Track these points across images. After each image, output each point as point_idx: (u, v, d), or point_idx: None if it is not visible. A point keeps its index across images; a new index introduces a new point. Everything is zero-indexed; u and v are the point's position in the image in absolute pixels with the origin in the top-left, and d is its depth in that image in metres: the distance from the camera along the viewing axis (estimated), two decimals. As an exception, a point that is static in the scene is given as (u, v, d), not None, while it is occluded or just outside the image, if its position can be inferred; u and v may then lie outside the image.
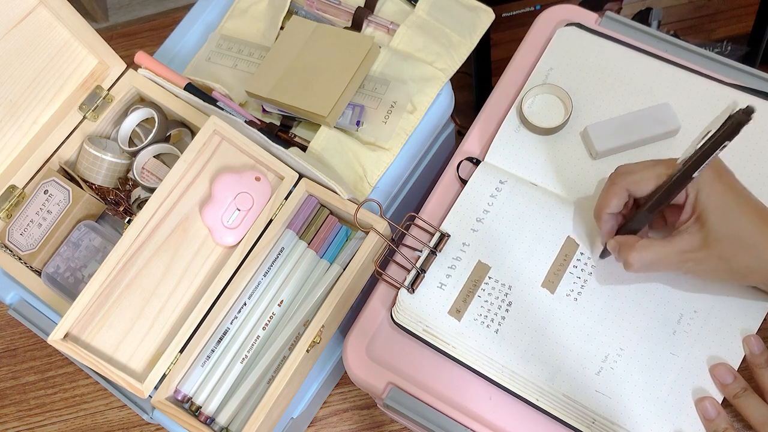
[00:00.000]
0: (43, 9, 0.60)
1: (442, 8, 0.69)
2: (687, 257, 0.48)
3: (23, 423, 0.95)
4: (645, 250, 0.48)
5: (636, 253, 0.49)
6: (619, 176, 0.50)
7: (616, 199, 0.50)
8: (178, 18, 0.81)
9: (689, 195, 0.48)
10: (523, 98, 0.62)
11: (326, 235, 0.62)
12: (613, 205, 0.50)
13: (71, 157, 0.66)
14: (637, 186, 0.49)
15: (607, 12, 0.65)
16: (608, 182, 0.51)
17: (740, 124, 0.40)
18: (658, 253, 0.48)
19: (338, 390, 0.90)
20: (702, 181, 0.47)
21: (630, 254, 0.49)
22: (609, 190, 0.50)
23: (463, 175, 0.62)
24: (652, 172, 0.48)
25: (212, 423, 0.58)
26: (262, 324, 0.59)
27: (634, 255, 0.49)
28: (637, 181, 0.49)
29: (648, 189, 0.49)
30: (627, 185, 0.49)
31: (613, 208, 0.50)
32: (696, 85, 0.60)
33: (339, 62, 0.64)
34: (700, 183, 0.47)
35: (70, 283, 0.61)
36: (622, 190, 0.50)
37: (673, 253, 0.48)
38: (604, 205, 0.51)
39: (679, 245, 0.48)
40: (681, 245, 0.48)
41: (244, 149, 0.62)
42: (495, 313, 0.55)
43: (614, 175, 0.51)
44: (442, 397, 0.55)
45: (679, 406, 0.51)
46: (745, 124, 0.40)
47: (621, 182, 0.49)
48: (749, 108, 0.39)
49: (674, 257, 0.48)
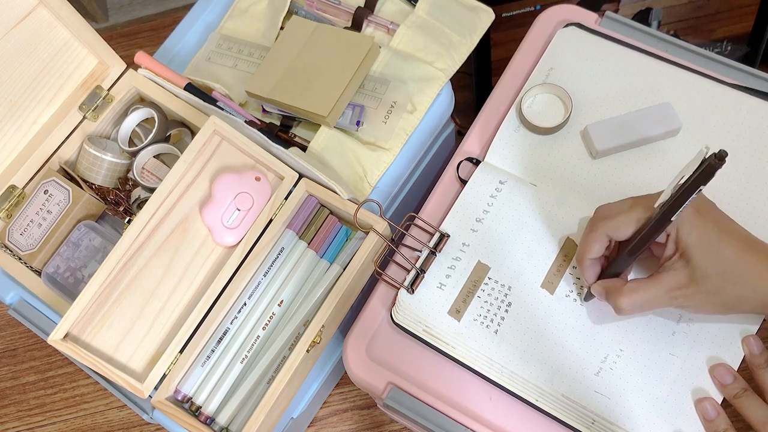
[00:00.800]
0: (43, 9, 0.60)
1: (442, 8, 0.69)
2: (676, 294, 0.48)
3: (23, 423, 0.95)
4: (634, 293, 0.49)
5: (625, 298, 0.49)
6: (598, 222, 0.50)
7: (597, 245, 0.50)
8: (178, 18, 0.81)
9: (670, 233, 0.48)
10: (522, 98, 0.62)
11: (326, 235, 0.62)
12: (595, 251, 0.50)
13: (71, 157, 0.66)
14: (617, 231, 0.49)
15: (607, 12, 0.65)
16: (588, 228, 0.51)
17: (713, 169, 0.40)
18: (647, 294, 0.48)
19: (338, 390, 0.90)
20: (681, 218, 0.47)
21: (619, 299, 0.49)
22: (589, 237, 0.50)
23: (463, 175, 0.62)
24: (631, 217, 0.48)
25: (212, 423, 0.58)
26: (262, 324, 0.59)
27: (623, 300, 0.49)
28: (616, 226, 0.49)
29: (628, 233, 0.49)
30: (607, 231, 0.49)
31: (595, 254, 0.50)
32: (696, 85, 0.60)
33: (339, 62, 0.64)
34: (680, 220, 0.47)
35: (70, 283, 0.61)
36: (603, 236, 0.50)
37: (661, 292, 0.48)
38: (585, 251, 0.51)
39: (667, 283, 0.48)
40: (669, 283, 0.48)
41: (244, 149, 0.62)
42: (494, 313, 0.55)
43: (593, 220, 0.51)
44: (442, 397, 0.55)
45: (679, 407, 0.51)
46: (718, 169, 0.40)
47: (601, 228, 0.49)
48: (721, 152, 0.40)
49: (663, 296, 0.48)
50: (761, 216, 0.55)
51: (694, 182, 0.42)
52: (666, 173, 0.58)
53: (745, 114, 0.59)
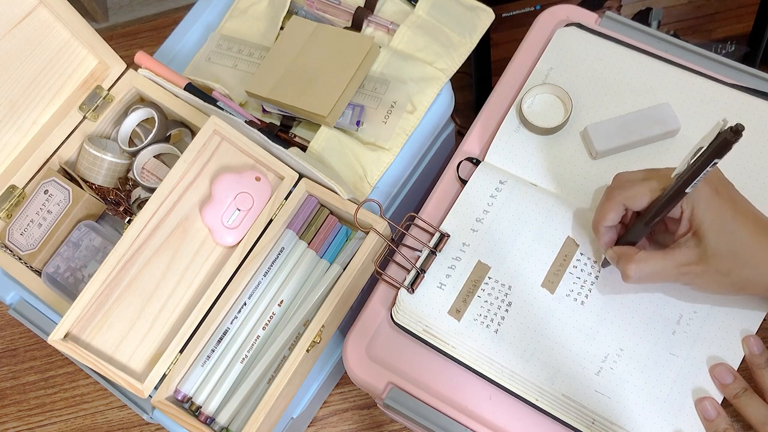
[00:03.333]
0: (43, 9, 0.60)
1: (442, 8, 0.69)
2: (685, 270, 0.48)
3: (23, 423, 0.95)
4: (643, 262, 0.49)
5: (634, 265, 0.49)
6: (614, 191, 0.50)
7: (612, 213, 0.50)
8: (178, 18, 0.81)
9: (685, 210, 0.48)
10: (522, 98, 0.62)
11: (326, 235, 0.62)
12: (610, 219, 0.51)
13: (71, 157, 0.66)
14: (633, 201, 0.49)
15: (607, 12, 0.65)
16: (604, 196, 0.51)
17: (729, 143, 0.40)
18: (656, 266, 0.49)
19: (338, 390, 0.90)
20: (698, 195, 0.47)
21: (628, 266, 0.49)
22: (605, 205, 0.51)
23: (463, 175, 0.62)
24: (646, 187, 0.49)
25: (212, 423, 0.58)
26: (262, 324, 0.59)
27: (632, 267, 0.49)
28: (632, 196, 0.49)
29: (643, 203, 0.49)
30: (623, 200, 0.50)
31: (610, 222, 0.51)
32: (696, 85, 0.60)
33: (339, 62, 0.64)
34: (696, 198, 0.47)
35: (70, 283, 0.61)
36: (619, 205, 0.50)
37: (671, 266, 0.49)
38: (600, 218, 0.51)
39: (678, 258, 0.48)
40: (679, 258, 0.48)
41: (244, 149, 0.62)
42: (495, 313, 0.55)
43: (610, 189, 0.51)
44: (442, 397, 0.55)
45: (679, 407, 0.51)
46: (734, 143, 0.40)
47: (617, 197, 0.50)
48: (738, 126, 0.39)
49: (672, 270, 0.49)
50: (761, 216, 0.55)
51: (709, 156, 0.41)
52: (666, 173, 0.58)
53: (745, 114, 0.59)
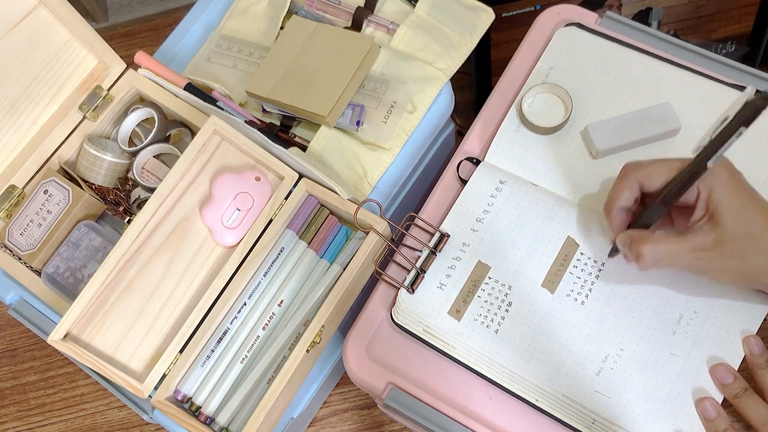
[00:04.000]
0: (43, 9, 0.60)
1: (442, 8, 0.69)
2: (700, 255, 0.47)
3: (23, 423, 0.95)
4: (659, 243, 0.48)
5: (650, 245, 0.48)
6: (630, 169, 0.49)
7: (627, 191, 0.49)
8: (178, 18, 0.81)
9: (702, 193, 0.47)
10: (523, 98, 0.62)
11: (326, 235, 0.62)
12: (624, 198, 0.49)
13: (71, 157, 0.66)
14: (650, 179, 0.48)
15: (607, 12, 0.65)
16: (619, 175, 0.50)
17: (758, 110, 0.39)
18: (671, 248, 0.48)
19: (338, 390, 0.90)
20: (715, 179, 0.46)
21: (643, 246, 0.48)
22: (620, 183, 0.49)
23: (463, 175, 0.62)
24: (665, 165, 0.48)
25: (212, 423, 0.58)
26: (262, 324, 0.59)
27: (647, 247, 0.48)
28: (649, 173, 0.48)
29: (660, 182, 0.48)
30: (639, 178, 0.48)
31: (624, 201, 0.49)
32: (696, 85, 0.60)
33: (339, 62, 0.64)
34: (713, 181, 0.47)
35: (70, 283, 0.61)
36: (634, 183, 0.49)
37: (686, 250, 0.48)
38: (615, 197, 0.50)
39: (693, 242, 0.47)
40: (695, 242, 0.47)
41: (244, 149, 0.62)
42: (495, 313, 0.55)
43: (625, 168, 0.50)
44: (442, 397, 0.55)
45: (679, 407, 0.51)
46: (763, 109, 0.38)
47: (633, 174, 0.49)
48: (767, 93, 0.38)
49: (687, 254, 0.48)
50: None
51: (735, 123, 0.40)
52: (666, 173, 0.58)
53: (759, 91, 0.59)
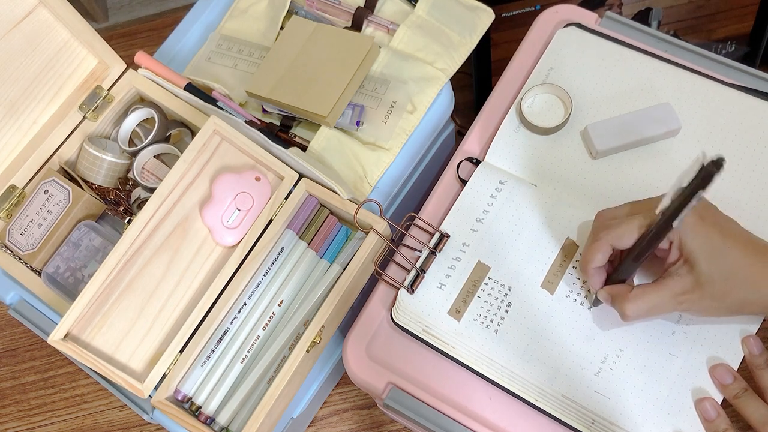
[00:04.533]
0: (43, 9, 0.60)
1: (442, 8, 0.69)
2: (681, 299, 0.48)
3: (23, 423, 0.95)
4: (639, 299, 0.49)
5: (631, 304, 0.49)
6: (600, 231, 0.50)
7: (600, 254, 0.50)
8: (178, 18, 0.81)
9: (673, 240, 0.48)
10: (522, 98, 0.62)
11: (326, 235, 0.62)
12: (598, 260, 0.50)
13: (71, 157, 0.66)
14: (620, 240, 0.49)
15: (607, 12, 0.65)
16: (590, 238, 0.51)
17: (711, 175, 0.40)
18: (653, 300, 0.49)
19: (338, 390, 0.90)
20: (684, 226, 0.47)
21: (625, 305, 0.49)
22: (592, 246, 0.50)
23: (463, 175, 0.62)
24: (633, 225, 0.48)
25: (212, 423, 0.58)
26: (262, 324, 0.59)
27: (629, 306, 0.49)
28: (619, 236, 0.49)
29: (630, 241, 0.49)
30: (610, 240, 0.49)
31: (599, 263, 0.51)
32: (696, 85, 0.60)
33: (339, 62, 0.64)
34: (683, 229, 0.47)
35: (70, 283, 0.61)
36: (606, 246, 0.50)
37: (667, 298, 0.48)
38: (589, 260, 0.51)
39: (672, 288, 0.48)
40: (674, 288, 0.48)
41: (244, 149, 0.62)
42: (494, 313, 0.55)
43: (595, 229, 0.51)
44: (442, 397, 0.55)
45: (679, 407, 0.51)
46: (715, 175, 0.40)
47: (604, 238, 0.50)
48: (719, 160, 0.39)
49: (669, 301, 0.49)
50: (762, 216, 0.55)
51: (693, 189, 0.41)
52: (666, 173, 0.58)
53: (745, 114, 0.59)
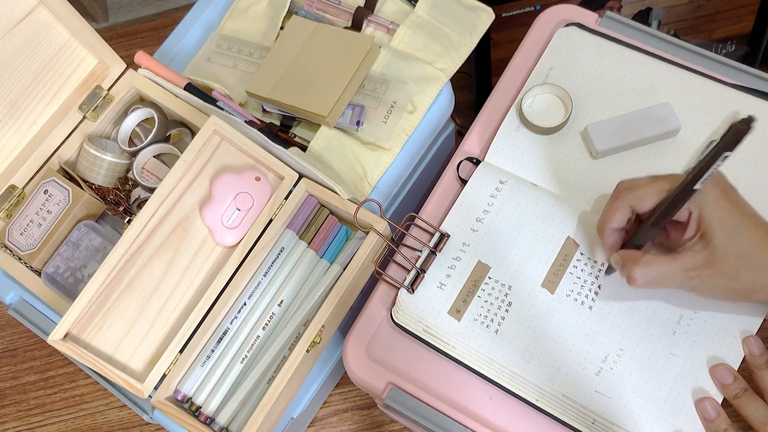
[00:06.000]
0: (43, 9, 0.60)
1: (442, 8, 0.69)
2: (692, 275, 0.48)
3: (23, 423, 0.95)
4: (649, 265, 0.48)
5: (640, 268, 0.48)
6: (621, 192, 0.50)
7: (619, 214, 0.49)
8: (178, 18, 0.81)
9: (693, 212, 0.48)
10: (523, 98, 0.62)
11: (326, 235, 0.62)
12: (617, 220, 0.50)
13: (71, 157, 0.66)
14: (641, 201, 0.48)
15: (607, 12, 0.65)
16: (611, 198, 0.51)
17: (740, 134, 0.40)
18: (662, 270, 0.48)
19: (338, 390, 0.90)
20: (706, 198, 0.47)
21: (634, 269, 0.48)
22: (612, 205, 0.50)
23: (463, 175, 0.62)
24: (655, 187, 0.48)
25: (212, 423, 0.58)
26: (262, 324, 0.59)
27: (638, 270, 0.48)
28: (640, 196, 0.48)
29: (651, 204, 0.48)
30: (630, 201, 0.49)
31: (617, 224, 0.50)
32: (696, 85, 0.60)
33: (339, 62, 0.64)
34: (705, 200, 0.47)
35: (70, 283, 0.61)
36: (626, 206, 0.49)
37: (677, 270, 0.48)
38: (607, 219, 0.50)
39: (684, 262, 0.48)
40: (686, 263, 0.48)
41: (244, 149, 0.62)
42: (495, 313, 0.55)
43: (617, 190, 0.51)
44: (442, 397, 0.55)
45: (679, 407, 0.51)
46: (745, 135, 0.39)
47: (624, 197, 0.49)
48: (750, 118, 0.39)
49: (679, 274, 0.48)
50: (762, 216, 0.55)
51: (720, 149, 0.41)
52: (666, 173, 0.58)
53: (745, 114, 0.59)
